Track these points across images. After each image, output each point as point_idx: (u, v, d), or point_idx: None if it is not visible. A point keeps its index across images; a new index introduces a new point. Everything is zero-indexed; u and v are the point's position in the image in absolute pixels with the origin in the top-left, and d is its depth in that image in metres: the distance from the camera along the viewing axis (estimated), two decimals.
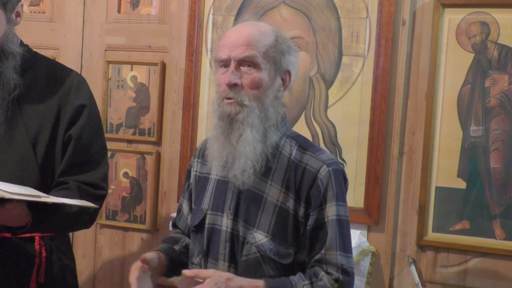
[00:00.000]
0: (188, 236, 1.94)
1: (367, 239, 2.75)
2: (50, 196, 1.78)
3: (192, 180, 1.93)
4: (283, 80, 1.76)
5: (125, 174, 3.16)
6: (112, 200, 3.17)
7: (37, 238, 2.00)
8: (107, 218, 3.19)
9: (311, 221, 1.70)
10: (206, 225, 1.80)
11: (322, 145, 2.80)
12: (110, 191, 3.15)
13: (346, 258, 1.70)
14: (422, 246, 2.72)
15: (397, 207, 2.75)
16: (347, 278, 1.69)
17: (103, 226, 3.21)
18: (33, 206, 1.83)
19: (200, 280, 1.62)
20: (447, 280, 2.69)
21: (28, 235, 1.94)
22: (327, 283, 1.67)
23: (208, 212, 1.81)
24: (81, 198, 1.91)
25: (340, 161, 2.78)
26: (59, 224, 1.96)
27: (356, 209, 2.74)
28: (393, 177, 2.73)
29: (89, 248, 3.25)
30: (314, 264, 1.71)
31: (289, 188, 1.72)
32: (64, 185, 1.96)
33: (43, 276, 1.99)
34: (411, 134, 2.73)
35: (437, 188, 2.69)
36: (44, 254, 2.00)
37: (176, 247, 1.92)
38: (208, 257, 1.80)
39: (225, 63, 1.72)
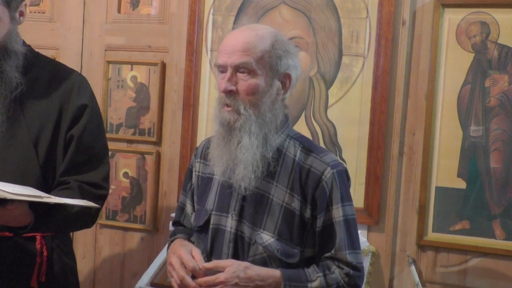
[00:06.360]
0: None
1: (367, 239, 2.75)
2: (52, 196, 1.78)
3: (194, 180, 1.95)
4: (282, 83, 1.78)
5: (125, 174, 3.16)
6: (112, 200, 3.17)
7: (38, 238, 2.00)
8: (107, 218, 3.19)
9: (319, 223, 1.74)
10: (211, 226, 1.82)
11: (322, 145, 2.80)
12: (110, 191, 3.13)
13: (355, 255, 1.76)
14: (422, 246, 2.72)
15: (397, 207, 2.75)
16: (357, 273, 1.75)
17: (103, 226, 3.21)
18: (35, 206, 1.83)
19: (221, 270, 1.68)
20: (447, 280, 2.70)
21: (30, 234, 1.94)
22: (339, 276, 1.73)
23: (213, 212, 1.83)
24: (82, 198, 1.91)
25: (340, 161, 2.78)
26: (60, 224, 1.96)
27: (356, 209, 2.68)
28: (393, 177, 2.74)
29: (89, 248, 3.25)
30: (325, 260, 1.76)
31: (294, 189, 1.75)
32: (65, 185, 1.96)
33: (44, 275, 1.99)
34: (411, 134, 2.73)
35: (437, 188, 2.69)
36: (45, 253, 2.00)
37: (192, 239, 1.95)
38: (212, 257, 1.82)
39: (223, 69, 1.75)
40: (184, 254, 1.75)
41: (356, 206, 2.70)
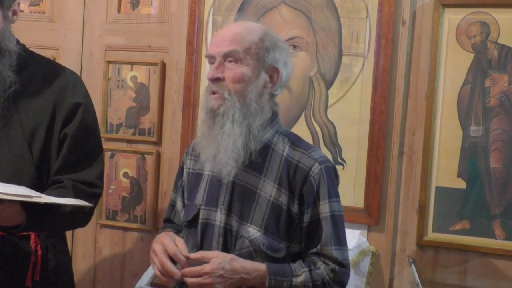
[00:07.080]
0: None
1: (367, 239, 2.75)
2: (42, 196, 1.77)
3: (184, 177, 1.98)
4: (270, 77, 1.79)
5: (125, 174, 3.16)
6: (112, 200, 3.17)
7: (32, 237, 1.99)
8: (107, 218, 3.19)
9: (306, 219, 1.75)
10: (200, 220, 1.84)
11: (322, 145, 2.81)
12: (110, 191, 3.15)
13: (341, 251, 1.77)
14: (422, 246, 2.71)
15: (397, 207, 2.75)
16: (343, 269, 1.77)
17: (103, 226, 3.21)
18: (27, 206, 1.83)
19: (207, 261, 1.69)
20: (447, 280, 2.69)
21: (24, 233, 1.93)
22: (324, 272, 1.74)
23: (202, 207, 1.85)
24: (76, 196, 1.91)
25: (340, 161, 2.78)
26: (54, 223, 1.95)
27: (356, 209, 2.74)
28: (393, 177, 2.73)
29: (89, 248, 3.25)
30: (311, 255, 1.78)
31: (282, 184, 1.76)
32: (59, 183, 1.96)
33: (39, 274, 1.99)
34: (411, 134, 2.73)
35: (437, 188, 2.69)
36: (39, 252, 2.00)
37: (181, 235, 1.96)
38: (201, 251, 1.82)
39: (212, 60, 1.78)
40: (167, 241, 1.77)
41: (356, 206, 2.74)
